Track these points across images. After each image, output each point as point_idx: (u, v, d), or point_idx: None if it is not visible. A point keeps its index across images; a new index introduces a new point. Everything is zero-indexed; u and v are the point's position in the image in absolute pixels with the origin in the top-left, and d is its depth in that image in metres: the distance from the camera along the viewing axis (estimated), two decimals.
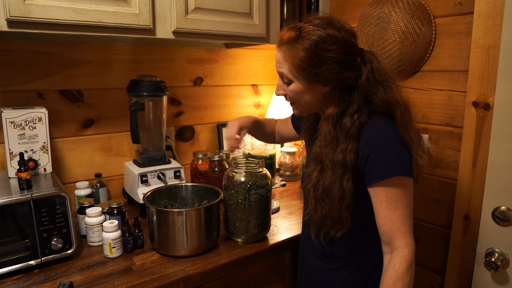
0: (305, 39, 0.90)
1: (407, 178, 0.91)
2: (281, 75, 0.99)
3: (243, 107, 1.96)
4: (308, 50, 0.90)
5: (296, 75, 0.94)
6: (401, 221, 0.90)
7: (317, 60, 0.90)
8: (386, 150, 0.90)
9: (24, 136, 1.22)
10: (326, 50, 0.89)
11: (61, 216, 1.09)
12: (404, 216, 0.90)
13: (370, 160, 0.90)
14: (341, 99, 0.95)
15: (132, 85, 1.44)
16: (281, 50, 0.96)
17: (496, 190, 1.23)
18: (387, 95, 0.95)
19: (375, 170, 0.90)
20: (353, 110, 0.94)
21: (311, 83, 0.94)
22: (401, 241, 0.90)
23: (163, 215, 1.12)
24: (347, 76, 0.93)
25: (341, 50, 0.90)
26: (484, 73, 1.24)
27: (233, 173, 1.21)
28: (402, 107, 0.96)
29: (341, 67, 0.91)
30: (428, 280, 1.53)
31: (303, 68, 0.92)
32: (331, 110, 0.95)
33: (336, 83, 0.94)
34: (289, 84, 0.98)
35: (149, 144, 1.52)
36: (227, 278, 1.15)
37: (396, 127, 0.94)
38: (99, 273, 1.05)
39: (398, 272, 0.89)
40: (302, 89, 0.97)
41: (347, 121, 0.93)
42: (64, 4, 1.05)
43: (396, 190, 0.90)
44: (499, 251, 1.24)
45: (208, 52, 1.79)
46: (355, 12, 1.67)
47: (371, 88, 0.94)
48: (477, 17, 1.24)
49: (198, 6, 1.30)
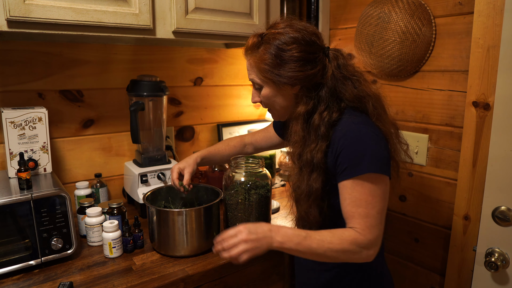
0: (266, 44, 0.94)
1: (378, 176, 0.87)
2: (252, 82, 1.02)
3: (243, 107, 1.96)
4: (269, 52, 0.93)
5: (263, 79, 0.97)
6: (362, 218, 0.86)
7: (278, 61, 0.93)
8: (356, 147, 0.88)
9: (24, 136, 1.22)
10: (286, 50, 0.92)
11: (61, 216, 1.09)
12: (368, 215, 0.86)
13: (340, 157, 0.89)
14: (309, 97, 0.96)
15: (132, 85, 1.44)
16: (247, 57, 1.00)
17: (496, 190, 1.23)
18: (356, 89, 0.95)
19: (343, 168, 0.89)
20: (322, 108, 0.94)
21: (279, 85, 0.96)
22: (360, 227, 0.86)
23: (163, 215, 1.12)
24: (311, 73, 0.94)
25: (301, 48, 0.93)
26: (484, 73, 1.24)
27: (233, 173, 1.21)
28: (373, 99, 0.96)
29: (302, 64, 0.93)
30: (428, 280, 1.53)
31: (267, 71, 0.94)
32: (299, 108, 0.96)
33: (302, 82, 0.94)
34: (260, 89, 1.01)
35: (149, 144, 1.52)
36: (227, 278, 1.15)
37: (370, 121, 0.93)
38: (99, 273, 1.05)
39: (342, 237, 0.85)
40: (272, 93, 0.98)
41: (316, 119, 0.94)
42: (64, 4, 1.05)
43: (362, 189, 0.87)
44: (499, 251, 1.24)
45: (208, 52, 1.79)
46: (355, 12, 1.67)
47: (339, 84, 0.95)
48: (477, 17, 1.24)
49: (198, 6, 1.30)
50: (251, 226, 0.88)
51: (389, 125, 0.98)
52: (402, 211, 1.60)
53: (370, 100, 0.95)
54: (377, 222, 0.87)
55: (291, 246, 0.86)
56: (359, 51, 1.62)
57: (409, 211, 1.58)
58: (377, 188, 0.87)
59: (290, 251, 0.88)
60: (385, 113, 0.98)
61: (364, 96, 0.95)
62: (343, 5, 1.73)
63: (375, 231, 0.86)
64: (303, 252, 0.87)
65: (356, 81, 0.96)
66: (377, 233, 0.87)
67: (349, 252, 0.85)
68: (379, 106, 0.97)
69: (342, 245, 0.85)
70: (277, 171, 1.93)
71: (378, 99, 0.98)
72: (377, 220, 0.87)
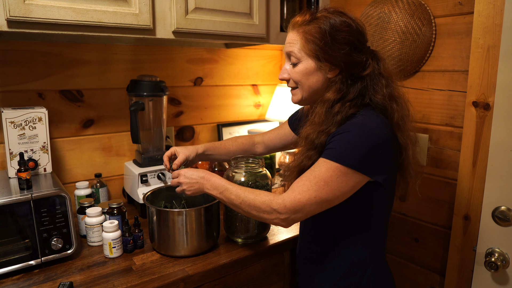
0: (319, 20, 0.95)
1: (350, 171, 0.87)
2: (289, 56, 1.00)
3: (243, 107, 1.96)
4: (322, 28, 0.93)
5: (307, 52, 0.96)
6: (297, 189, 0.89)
7: (329, 38, 0.93)
8: (351, 137, 0.89)
9: (24, 136, 1.22)
10: (339, 31, 0.93)
11: (61, 216, 1.09)
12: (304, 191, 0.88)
13: (335, 138, 0.91)
14: (343, 85, 0.96)
15: (132, 85, 1.44)
16: (294, 30, 0.99)
17: (496, 190, 1.23)
18: (390, 88, 0.97)
19: (328, 147, 0.91)
20: (348, 99, 0.95)
21: (320, 62, 0.95)
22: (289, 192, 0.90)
23: (163, 215, 1.12)
24: (356, 61, 0.95)
25: (353, 34, 0.94)
26: (484, 73, 1.24)
27: (233, 173, 1.21)
28: (401, 104, 0.97)
29: (351, 49, 0.94)
30: (428, 280, 1.53)
31: (316, 44, 0.94)
32: (330, 94, 0.96)
33: (344, 66, 0.95)
34: (296, 64, 0.99)
35: (149, 144, 1.52)
36: (227, 278, 1.15)
37: (385, 122, 0.93)
38: (99, 273, 1.05)
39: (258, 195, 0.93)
40: (309, 69, 0.97)
41: (337, 106, 0.95)
42: (64, 4, 1.05)
43: (325, 171, 0.88)
44: (499, 251, 1.24)
45: (208, 52, 1.79)
46: (355, 12, 1.67)
47: (374, 81, 0.96)
48: (477, 17, 1.24)
49: (198, 6, 1.30)
50: (187, 171, 1.07)
51: (410, 136, 0.98)
52: (402, 211, 1.60)
53: (399, 103, 0.97)
54: (307, 202, 0.88)
55: (216, 194, 1.02)
56: None
57: (409, 211, 1.58)
58: (338, 181, 0.88)
59: (216, 197, 1.03)
60: (409, 122, 0.99)
61: (395, 97, 0.97)
62: (343, 5, 1.73)
63: (297, 205, 0.88)
64: (225, 201, 1.00)
65: (392, 81, 0.98)
66: (298, 207, 0.88)
67: (261, 210, 0.92)
68: (404, 113, 0.98)
69: (255, 201, 0.93)
70: (277, 171, 1.93)
71: (406, 105, 0.99)
72: (308, 201, 0.88)
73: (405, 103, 0.99)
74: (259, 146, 1.36)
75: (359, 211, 0.99)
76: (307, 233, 1.12)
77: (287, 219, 0.90)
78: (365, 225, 1.01)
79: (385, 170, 0.92)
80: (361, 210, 0.99)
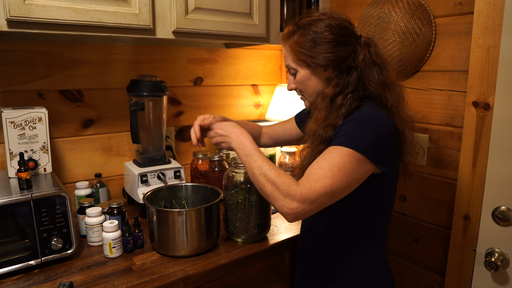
0: (301, 29, 1.00)
1: (361, 157, 0.87)
2: (288, 69, 1.06)
3: (243, 107, 1.96)
4: (304, 36, 0.99)
5: (298, 62, 1.01)
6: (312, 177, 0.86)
7: (312, 43, 0.98)
8: (358, 125, 0.90)
9: (24, 136, 1.22)
10: (319, 33, 0.97)
11: (61, 216, 1.09)
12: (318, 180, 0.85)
13: (343, 127, 0.92)
14: (339, 80, 0.98)
15: (132, 85, 1.44)
16: (284, 44, 1.05)
17: (496, 190, 1.23)
18: (383, 76, 0.99)
19: (337, 136, 0.92)
20: (348, 91, 0.97)
21: (312, 68, 1.00)
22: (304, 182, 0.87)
23: (163, 215, 1.12)
24: (342, 55, 0.97)
25: (333, 31, 0.97)
26: (484, 73, 1.24)
27: (233, 173, 1.21)
28: (396, 88, 1.00)
29: (334, 45, 0.96)
30: (428, 280, 1.53)
31: (302, 53, 0.99)
32: (328, 89, 0.99)
33: (334, 64, 0.97)
34: (295, 75, 1.04)
35: (149, 144, 1.52)
36: (227, 278, 1.15)
37: (384, 113, 0.95)
38: (99, 273, 1.05)
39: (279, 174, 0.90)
40: (306, 76, 1.02)
41: (339, 99, 0.97)
42: (64, 4, 1.05)
43: (337, 157, 0.87)
44: (499, 251, 1.24)
45: (208, 52, 1.79)
46: (355, 12, 1.67)
47: (367, 69, 0.98)
48: (477, 17, 1.24)
49: (198, 6, 1.30)
50: (222, 123, 1.10)
51: (406, 118, 1.00)
52: (402, 211, 1.60)
53: (392, 89, 0.99)
54: (322, 190, 0.85)
55: (240, 154, 1.01)
56: None
57: (409, 211, 1.58)
58: (351, 166, 0.87)
59: (239, 158, 1.01)
60: (403, 106, 1.02)
61: (388, 84, 0.99)
62: (343, 5, 1.73)
63: (312, 194, 0.85)
64: (246, 166, 0.98)
65: (384, 68, 1.00)
66: (313, 197, 0.85)
67: (276, 189, 0.89)
68: (398, 98, 1.00)
69: (275, 179, 0.89)
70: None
71: (400, 90, 1.02)
72: (323, 189, 0.85)
73: (399, 88, 1.02)
74: (265, 136, 1.38)
75: (362, 210, 0.99)
76: (308, 233, 1.12)
77: (297, 209, 0.85)
78: (366, 224, 1.01)
79: (390, 162, 0.94)
80: (364, 208, 0.99)
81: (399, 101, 1.00)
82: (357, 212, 1.00)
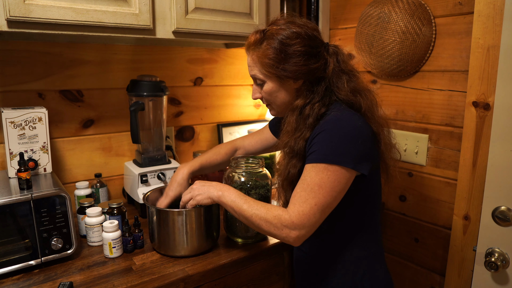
0: (269, 39, 0.96)
1: (338, 169, 0.88)
2: (254, 78, 1.03)
3: (243, 107, 1.96)
4: (273, 47, 0.95)
5: (267, 74, 0.98)
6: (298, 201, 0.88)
7: (283, 55, 0.94)
8: (330, 136, 0.90)
9: (24, 136, 1.22)
10: (290, 45, 0.94)
11: (61, 216, 1.09)
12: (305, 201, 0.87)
13: (313, 141, 0.92)
14: (309, 91, 0.98)
15: (132, 85, 1.44)
16: (249, 53, 1.01)
17: (496, 190, 1.23)
18: (353, 83, 0.98)
19: (311, 152, 0.92)
20: (316, 100, 0.96)
21: (282, 80, 0.98)
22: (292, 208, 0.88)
23: (163, 215, 1.12)
24: (314, 67, 0.96)
25: (305, 43, 0.95)
26: (484, 73, 1.24)
27: (233, 173, 1.21)
28: (367, 95, 0.99)
29: (306, 58, 0.95)
30: (428, 280, 1.54)
31: (272, 66, 0.96)
32: (298, 101, 0.98)
33: (306, 76, 0.97)
34: (262, 85, 1.02)
35: (149, 144, 1.52)
36: (227, 278, 1.15)
37: (357, 115, 0.95)
38: (99, 273, 1.05)
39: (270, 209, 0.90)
40: (275, 88, 1.00)
41: (307, 109, 0.96)
42: (64, 4, 1.05)
43: (315, 175, 0.88)
44: (499, 251, 1.24)
45: (208, 52, 1.79)
46: (355, 12, 1.67)
47: (336, 78, 0.97)
48: (477, 17, 1.24)
49: (198, 6, 1.30)
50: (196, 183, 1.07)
51: (381, 122, 1.00)
52: (402, 211, 1.60)
53: (363, 95, 0.98)
54: (310, 211, 0.87)
55: (227, 201, 0.98)
56: (359, 51, 1.62)
57: (409, 211, 1.58)
58: (330, 180, 0.88)
59: (226, 207, 0.99)
60: (377, 109, 1.01)
61: (358, 90, 0.98)
62: (343, 5, 1.73)
63: (303, 218, 0.87)
64: (236, 214, 0.97)
65: (353, 75, 0.99)
66: (305, 221, 0.87)
67: (271, 224, 0.89)
68: (371, 102, 1.00)
69: (267, 215, 0.90)
70: (277, 171, 1.92)
71: (371, 95, 1.01)
72: (311, 210, 0.87)
73: (370, 93, 1.01)
74: (240, 151, 1.36)
75: (350, 209, 1.00)
76: None
77: (298, 236, 0.88)
78: (357, 223, 1.02)
79: (368, 159, 0.93)
80: (352, 207, 1.00)
81: (372, 106, 0.99)
82: (347, 211, 1.00)
